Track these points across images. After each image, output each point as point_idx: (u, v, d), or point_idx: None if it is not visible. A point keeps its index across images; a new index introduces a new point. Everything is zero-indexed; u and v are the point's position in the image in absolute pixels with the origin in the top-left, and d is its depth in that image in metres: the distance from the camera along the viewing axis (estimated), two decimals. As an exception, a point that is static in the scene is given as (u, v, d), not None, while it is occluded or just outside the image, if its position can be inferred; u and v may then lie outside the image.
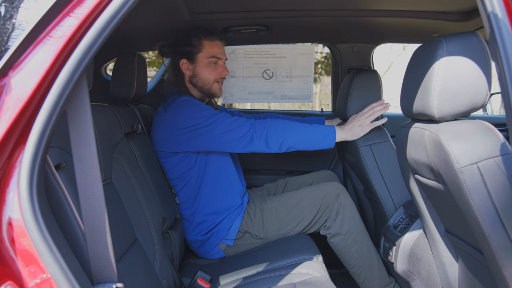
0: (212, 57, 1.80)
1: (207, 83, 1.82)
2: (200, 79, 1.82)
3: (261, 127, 1.63)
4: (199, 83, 1.82)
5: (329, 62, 2.66)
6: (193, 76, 1.82)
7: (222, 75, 1.84)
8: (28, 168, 0.74)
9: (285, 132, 1.64)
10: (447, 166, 1.01)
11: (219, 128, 1.63)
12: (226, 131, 1.63)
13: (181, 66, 1.82)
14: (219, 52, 1.82)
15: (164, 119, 1.72)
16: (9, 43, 3.53)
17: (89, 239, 0.80)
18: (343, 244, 1.73)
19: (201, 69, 1.81)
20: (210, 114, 1.65)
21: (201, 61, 1.80)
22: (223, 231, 1.74)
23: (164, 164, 1.81)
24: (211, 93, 1.85)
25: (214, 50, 1.81)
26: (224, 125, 1.63)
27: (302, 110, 2.85)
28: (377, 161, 1.77)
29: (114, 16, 0.79)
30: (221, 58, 1.84)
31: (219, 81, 1.84)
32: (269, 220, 1.77)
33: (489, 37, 0.84)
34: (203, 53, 1.79)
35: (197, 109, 1.67)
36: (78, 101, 0.80)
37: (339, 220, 1.73)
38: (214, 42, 1.81)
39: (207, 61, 1.80)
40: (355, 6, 1.72)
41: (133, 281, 1.11)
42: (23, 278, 0.75)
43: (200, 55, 1.80)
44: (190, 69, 1.82)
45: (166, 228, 1.65)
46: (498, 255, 0.95)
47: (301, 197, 1.78)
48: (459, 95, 1.05)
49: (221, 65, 1.84)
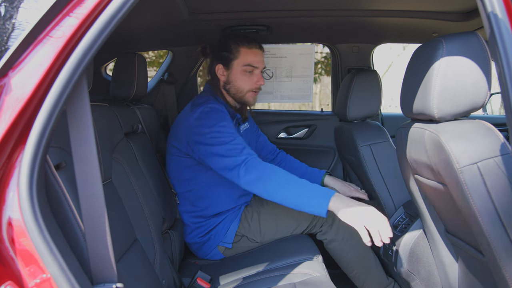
0: (248, 66, 1.75)
1: (240, 91, 1.77)
2: (233, 87, 1.77)
3: (255, 168, 1.48)
4: (232, 90, 1.78)
5: (329, 62, 2.66)
6: (227, 83, 1.78)
7: (257, 85, 1.78)
8: (28, 168, 0.74)
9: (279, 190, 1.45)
10: (447, 166, 1.01)
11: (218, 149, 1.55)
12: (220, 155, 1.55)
13: (216, 71, 1.78)
14: (256, 61, 1.76)
15: (188, 118, 1.67)
16: (9, 43, 3.50)
17: (89, 239, 0.80)
18: (340, 250, 1.72)
19: (235, 77, 1.76)
20: (226, 132, 1.58)
21: (236, 68, 1.75)
22: (220, 234, 1.73)
23: (171, 163, 1.79)
24: (244, 101, 1.80)
25: (250, 58, 1.75)
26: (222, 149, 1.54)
27: (302, 110, 2.85)
28: (377, 161, 1.77)
29: (114, 16, 0.79)
30: (258, 67, 1.77)
31: (254, 90, 1.78)
32: (266, 224, 1.75)
33: (489, 37, 0.84)
34: (238, 60, 1.74)
35: (221, 119, 1.61)
36: (78, 101, 0.80)
37: (335, 226, 1.71)
38: (252, 50, 1.76)
39: (242, 69, 1.75)
40: (355, 6, 1.72)
41: (133, 281, 1.11)
42: (23, 278, 0.75)
43: (235, 62, 1.75)
44: (225, 75, 1.77)
45: (166, 228, 1.65)
46: (498, 255, 0.95)
47: None
48: (459, 95, 1.05)
49: (257, 74, 1.78)
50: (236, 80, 1.76)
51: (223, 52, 1.76)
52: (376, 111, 1.92)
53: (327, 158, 2.48)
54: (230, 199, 1.78)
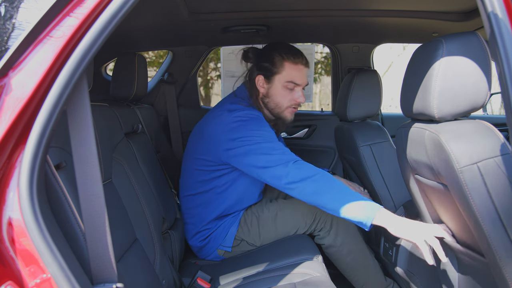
0: (291, 82, 1.65)
1: (279, 107, 1.68)
2: (272, 101, 1.68)
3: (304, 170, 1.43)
4: (270, 105, 1.69)
5: (329, 62, 2.66)
6: (266, 96, 1.69)
7: (296, 102, 1.68)
8: (28, 168, 0.74)
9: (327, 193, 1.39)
10: (447, 166, 1.01)
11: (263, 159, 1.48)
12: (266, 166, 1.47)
13: (256, 82, 1.69)
14: (299, 78, 1.66)
15: (223, 122, 1.59)
16: (9, 43, 3.52)
17: (89, 239, 0.80)
18: (338, 254, 1.72)
19: (275, 92, 1.66)
20: (269, 137, 1.53)
21: (277, 83, 1.66)
22: (219, 237, 1.72)
23: (191, 176, 1.72)
24: (281, 117, 1.71)
25: (294, 75, 1.65)
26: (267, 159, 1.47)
27: (302, 110, 2.84)
28: (377, 161, 1.77)
29: (114, 16, 0.79)
30: (300, 84, 1.67)
31: (293, 106, 1.70)
32: (265, 229, 1.74)
33: (489, 37, 0.84)
34: (281, 75, 1.65)
35: (262, 125, 1.56)
36: (78, 101, 0.80)
37: (333, 232, 1.70)
38: (297, 65, 1.65)
39: (283, 84, 1.65)
40: (355, 6, 1.72)
41: (133, 281, 1.11)
42: (23, 278, 0.75)
43: (278, 76, 1.65)
44: (265, 88, 1.68)
45: (166, 228, 1.65)
46: (498, 255, 0.95)
47: (295, 207, 1.74)
48: (459, 95, 1.05)
49: (299, 91, 1.68)
50: (276, 95, 1.67)
51: (265, 63, 1.67)
52: (376, 111, 1.92)
53: (327, 158, 2.48)
54: (234, 203, 1.75)
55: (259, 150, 1.49)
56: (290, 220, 1.74)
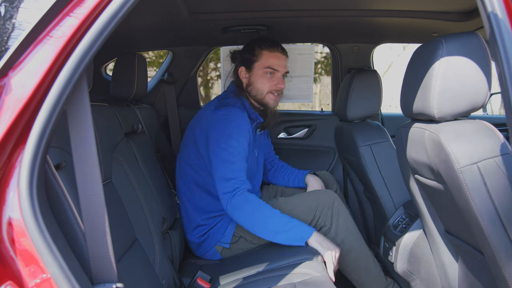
0: (269, 68, 1.80)
1: (260, 92, 1.82)
2: (254, 88, 1.82)
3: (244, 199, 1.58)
4: (253, 92, 1.83)
5: (329, 62, 2.66)
6: (249, 85, 1.84)
7: (277, 87, 1.82)
8: (28, 168, 0.74)
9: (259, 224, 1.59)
10: (447, 166, 1.01)
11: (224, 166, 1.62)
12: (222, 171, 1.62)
13: (239, 73, 1.85)
14: (277, 64, 1.81)
15: (208, 117, 1.73)
16: (9, 43, 3.52)
17: (89, 239, 0.80)
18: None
19: (256, 79, 1.81)
20: (239, 151, 1.63)
21: (257, 70, 1.81)
22: (218, 234, 1.74)
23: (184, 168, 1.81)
24: (264, 103, 1.84)
25: (272, 61, 1.80)
26: (227, 168, 1.61)
27: (302, 110, 2.85)
28: (377, 161, 1.77)
29: (114, 16, 0.79)
30: (279, 70, 1.82)
31: (274, 92, 1.83)
32: None
33: (489, 37, 0.84)
34: (260, 63, 1.80)
35: (236, 133, 1.65)
36: (78, 101, 0.80)
37: (333, 229, 1.70)
38: (274, 53, 1.81)
39: (262, 71, 1.80)
40: (355, 6, 1.72)
41: (133, 281, 1.11)
42: (23, 278, 0.75)
43: (257, 64, 1.81)
44: (247, 77, 1.84)
45: (166, 228, 1.65)
46: (498, 255, 0.95)
47: (295, 205, 1.74)
48: (459, 95, 1.05)
49: (278, 77, 1.83)
50: (256, 81, 1.82)
51: (246, 55, 1.83)
52: (376, 111, 1.92)
53: (327, 158, 2.48)
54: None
55: (221, 160, 1.63)
56: None
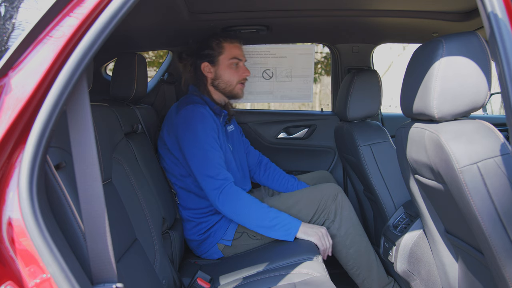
0: (234, 58, 1.84)
1: (229, 84, 1.85)
2: (222, 81, 1.85)
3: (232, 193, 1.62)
4: (221, 85, 1.85)
5: (329, 62, 2.66)
6: (215, 79, 1.85)
7: (243, 76, 1.87)
8: (28, 168, 0.74)
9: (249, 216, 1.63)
10: (447, 166, 1.01)
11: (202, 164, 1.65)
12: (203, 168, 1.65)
13: (202, 70, 1.85)
14: (240, 54, 1.87)
15: (172, 121, 1.76)
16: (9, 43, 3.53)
17: (89, 239, 0.80)
18: (341, 246, 1.72)
19: (223, 71, 1.84)
20: (209, 142, 1.67)
21: (222, 63, 1.84)
22: (220, 231, 1.74)
23: (165, 163, 1.83)
24: (233, 94, 1.88)
25: (235, 51, 1.85)
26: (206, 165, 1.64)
27: (302, 110, 2.85)
28: (377, 161, 1.77)
29: (114, 16, 0.79)
30: (242, 59, 1.88)
31: (242, 82, 1.88)
32: None
33: (489, 37, 0.84)
34: (224, 55, 1.83)
35: (201, 126, 1.68)
36: (78, 101, 0.80)
37: (337, 222, 1.72)
38: (234, 44, 1.86)
39: (228, 62, 1.84)
40: (355, 6, 1.72)
41: (133, 281, 1.10)
42: (23, 278, 0.75)
43: (221, 57, 1.83)
44: (212, 72, 1.85)
45: (166, 228, 1.65)
46: (498, 255, 0.95)
47: (298, 198, 1.77)
48: (459, 95, 1.05)
49: (242, 66, 1.88)
50: (224, 74, 1.84)
51: (206, 51, 1.84)
52: (376, 111, 1.92)
53: (327, 158, 2.48)
54: None
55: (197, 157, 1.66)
56: (290, 212, 1.75)
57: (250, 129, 2.48)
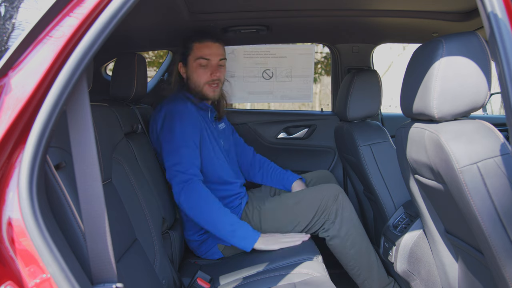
0: (200, 59, 1.79)
1: (197, 85, 1.81)
2: (191, 82, 1.83)
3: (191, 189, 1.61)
4: (191, 85, 1.83)
5: (329, 62, 2.66)
6: (187, 78, 1.85)
7: (212, 77, 1.80)
8: (28, 168, 0.74)
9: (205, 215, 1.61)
10: (447, 166, 1.01)
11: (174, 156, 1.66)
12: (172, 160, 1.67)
13: (179, 69, 1.86)
14: (208, 53, 1.80)
15: (155, 117, 1.80)
16: (9, 43, 3.53)
17: (89, 239, 0.80)
18: (342, 246, 1.72)
19: (191, 71, 1.82)
20: (184, 139, 1.68)
21: (191, 63, 1.82)
22: None
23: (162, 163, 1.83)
24: (203, 95, 1.82)
25: (202, 51, 1.79)
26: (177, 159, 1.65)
27: (302, 110, 2.85)
28: (377, 161, 1.77)
29: (114, 16, 0.79)
30: (211, 59, 1.80)
31: (210, 83, 1.81)
32: (267, 221, 1.76)
33: (489, 37, 0.84)
34: (192, 55, 1.81)
35: (179, 118, 1.70)
36: (78, 101, 0.80)
37: (337, 222, 1.72)
38: (203, 43, 1.80)
39: (195, 63, 1.80)
40: (355, 6, 1.72)
41: (133, 281, 1.10)
42: (23, 278, 0.75)
43: (190, 57, 1.81)
44: (184, 72, 1.85)
45: (166, 228, 1.65)
46: (498, 255, 0.95)
47: (299, 199, 1.77)
48: (459, 95, 1.05)
49: (212, 66, 1.81)
50: (192, 74, 1.82)
51: (181, 50, 1.85)
52: (376, 111, 1.92)
53: (327, 158, 2.48)
54: (228, 197, 1.79)
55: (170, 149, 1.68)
56: (291, 213, 1.75)
57: (250, 129, 2.48)
